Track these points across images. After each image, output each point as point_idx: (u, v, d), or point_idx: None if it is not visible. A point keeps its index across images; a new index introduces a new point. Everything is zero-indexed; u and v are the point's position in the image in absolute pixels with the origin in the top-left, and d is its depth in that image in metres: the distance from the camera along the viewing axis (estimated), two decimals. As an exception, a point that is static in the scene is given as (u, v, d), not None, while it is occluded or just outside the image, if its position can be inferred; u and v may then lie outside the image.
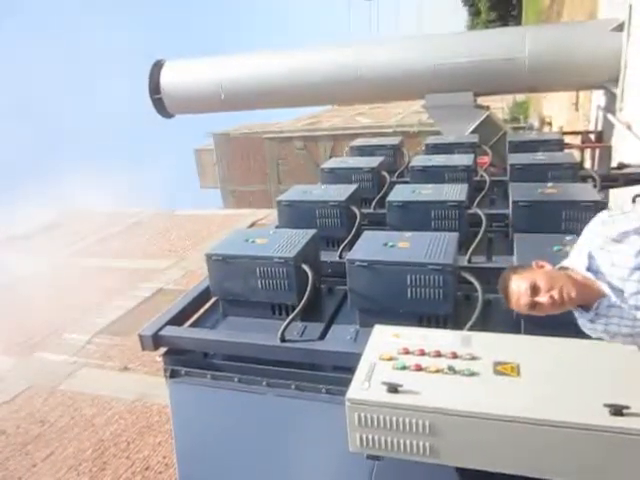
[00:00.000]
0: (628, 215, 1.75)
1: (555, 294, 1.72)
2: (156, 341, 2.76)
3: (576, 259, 1.82)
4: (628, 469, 1.61)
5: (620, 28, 6.90)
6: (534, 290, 1.75)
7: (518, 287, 1.78)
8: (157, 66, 8.72)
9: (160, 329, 2.79)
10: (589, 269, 1.75)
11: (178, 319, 2.95)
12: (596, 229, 1.78)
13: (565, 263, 1.87)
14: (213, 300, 3.20)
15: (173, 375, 2.76)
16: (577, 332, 2.12)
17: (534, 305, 1.76)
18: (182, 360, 2.79)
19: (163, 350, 2.84)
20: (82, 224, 14.44)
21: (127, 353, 7.41)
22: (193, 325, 3.03)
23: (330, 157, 5.68)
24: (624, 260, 1.70)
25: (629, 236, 1.70)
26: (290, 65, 8.19)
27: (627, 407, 1.59)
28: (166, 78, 8.67)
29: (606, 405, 1.61)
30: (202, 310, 3.17)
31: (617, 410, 1.59)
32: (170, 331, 2.80)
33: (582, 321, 1.86)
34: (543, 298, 1.74)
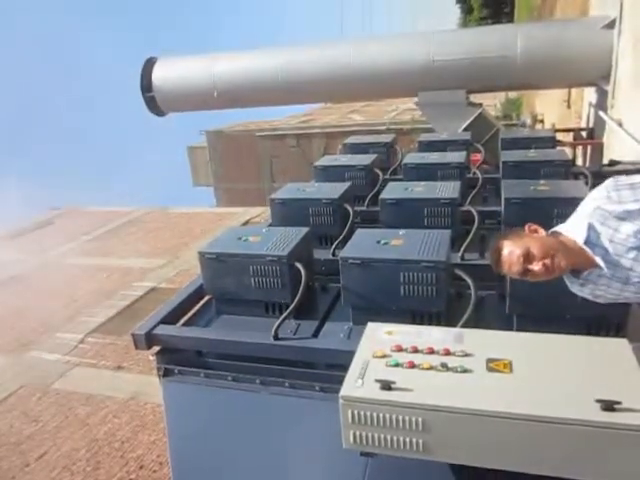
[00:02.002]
0: (635, 191, 1.70)
1: (548, 262, 1.73)
2: (149, 340, 2.75)
3: (574, 228, 1.80)
4: (619, 464, 1.62)
5: (611, 25, 6.94)
6: (527, 258, 1.75)
7: (511, 254, 1.78)
8: (149, 63, 8.69)
9: (153, 328, 2.78)
10: (587, 241, 1.73)
11: (171, 318, 2.94)
12: (600, 202, 1.74)
13: (560, 228, 1.85)
14: (206, 298, 3.19)
15: (166, 374, 2.75)
16: (569, 328, 2.14)
17: (526, 272, 1.77)
18: (175, 359, 2.78)
19: (156, 349, 2.84)
20: (74, 223, 14.36)
21: (120, 352, 7.39)
22: (186, 324, 3.03)
23: (324, 155, 5.67)
24: (623, 238, 1.69)
25: (633, 215, 1.68)
26: (283, 62, 8.18)
27: (618, 402, 1.60)
28: (158, 76, 8.64)
29: (598, 400, 1.62)
30: (195, 309, 3.16)
31: (608, 405, 1.60)
32: (163, 330, 2.79)
33: (570, 283, 1.87)
34: (536, 266, 1.74)
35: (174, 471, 2.60)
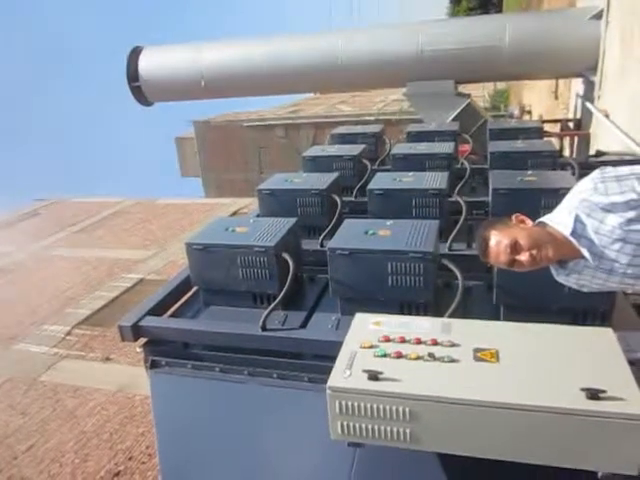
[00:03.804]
0: (621, 183, 1.70)
1: (535, 253, 1.74)
2: (136, 332, 2.74)
3: (561, 218, 1.80)
4: (604, 452, 1.64)
5: (599, 16, 6.95)
6: (514, 248, 1.76)
7: (498, 244, 1.79)
8: (135, 53, 8.57)
9: (140, 319, 2.76)
10: (573, 233, 1.74)
11: (158, 309, 2.92)
12: (587, 193, 1.74)
13: (546, 219, 1.86)
14: (194, 290, 3.18)
15: (153, 366, 2.74)
16: (555, 318, 2.15)
17: (513, 263, 1.78)
18: (163, 350, 2.77)
19: (143, 341, 2.82)
20: (60, 214, 14.23)
21: (109, 344, 7.34)
22: (173, 315, 3.01)
23: (312, 145, 5.65)
24: (609, 230, 1.70)
25: (618, 208, 1.68)
26: (271, 52, 8.12)
27: (603, 391, 1.61)
28: (144, 65, 8.53)
29: (583, 389, 1.63)
30: (183, 300, 3.15)
31: (593, 394, 1.61)
32: (150, 321, 2.78)
33: (556, 273, 1.88)
34: (523, 257, 1.75)
35: (162, 463, 2.60)
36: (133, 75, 8.56)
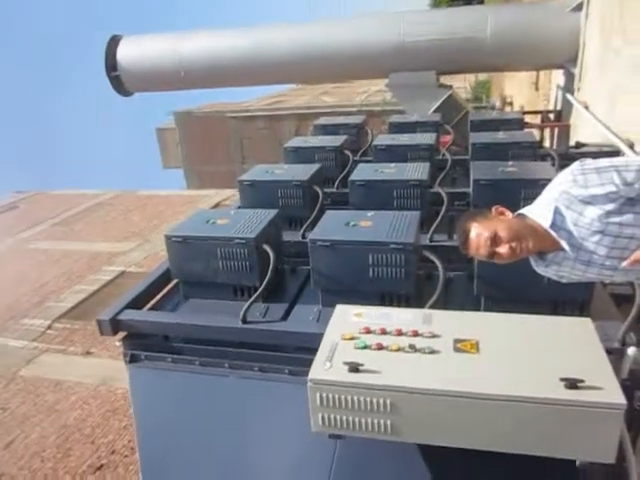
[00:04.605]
0: (601, 176, 1.70)
1: (515, 245, 1.74)
2: (115, 325, 2.70)
3: (540, 210, 1.81)
4: (583, 440, 1.65)
5: (579, 8, 6.98)
6: (494, 240, 1.76)
7: (478, 237, 1.79)
8: (114, 41, 8.43)
9: (118, 313, 2.72)
10: (552, 225, 1.75)
11: (137, 302, 2.88)
12: (567, 185, 1.74)
13: (526, 211, 1.86)
14: (174, 282, 3.14)
15: (133, 359, 2.71)
16: (535, 308, 2.17)
17: (493, 255, 1.78)
18: (142, 344, 2.74)
19: (123, 335, 2.79)
20: (40, 206, 14.02)
21: (89, 337, 7.27)
22: (153, 308, 2.98)
23: (295, 136, 5.62)
24: (588, 222, 1.71)
25: (598, 200, 1.69)
26: (252, 42, 8.03)
27: (582, 381, 1.63)
28: (123, 54, 8.40)
29: (562, 379, 1.64)
30: (162, 293, 3.11)
31: (572, 384, 1.63)
32: (129, 315, 2.74)
33: (536, 264, 1.90)
34: (503, 249, 1.76)
35: (142, 457, 2.58)
36: (112, 64, 8.42)
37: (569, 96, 7.43)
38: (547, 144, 8.68)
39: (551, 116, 8.87)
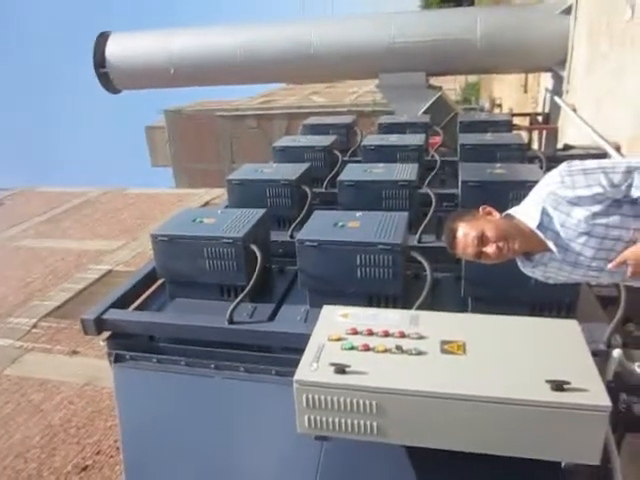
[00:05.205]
0: (588, 177, 1.70)
1: (502, 245, 1.75)
2: (99, 325, 2.67)
3: (528, 211, 1.81)
4: (568, 442, 1.65)
5: (568, 11, 7.03)
6: (481, 240, 1.76)
7: (465, 236, 1.80)
8: (102, 38, 8.36)
9: (103, 312, 2.70)
10: (539, 226, 1.75)
11: (123, 302, 2.86)
12: (554, 186, 1.74)
13: (513, 212, 1.87)
14: (160, 282, 3.12)
15: (118, 359, 2.68)
16: (522, 309, 2.17)
17: (480, 255, 1.78)
18: (127, 344, 2.71)
19: (108, 334, 2.76)
20: (27, 204, 13.87)
21: (75, 337, 7.19)
22: (139, 308, 2.95)
23: (285, 136, 5.60)
24: (574, 223, 1.71)
25: (585, 201, 1.69)
26: (242, 41, 8.01)
27: (567, 382, 1.63)
28: (112, 51, 8.33)
29: (548, 381, 1.64)
30: (148, 292, 3.08)
31: (558, 386, 1.63)
32: (114, 314, 2.72)
33: (523, 265, 1.90)
34: (490, 249, 1.76)
35: (126, 458, 2.55)
36: (100, 61, 8.35)
37: (557, 99, 7.48)
38: (535, 146, 8.73)
39: (539, 118, 8.93)
